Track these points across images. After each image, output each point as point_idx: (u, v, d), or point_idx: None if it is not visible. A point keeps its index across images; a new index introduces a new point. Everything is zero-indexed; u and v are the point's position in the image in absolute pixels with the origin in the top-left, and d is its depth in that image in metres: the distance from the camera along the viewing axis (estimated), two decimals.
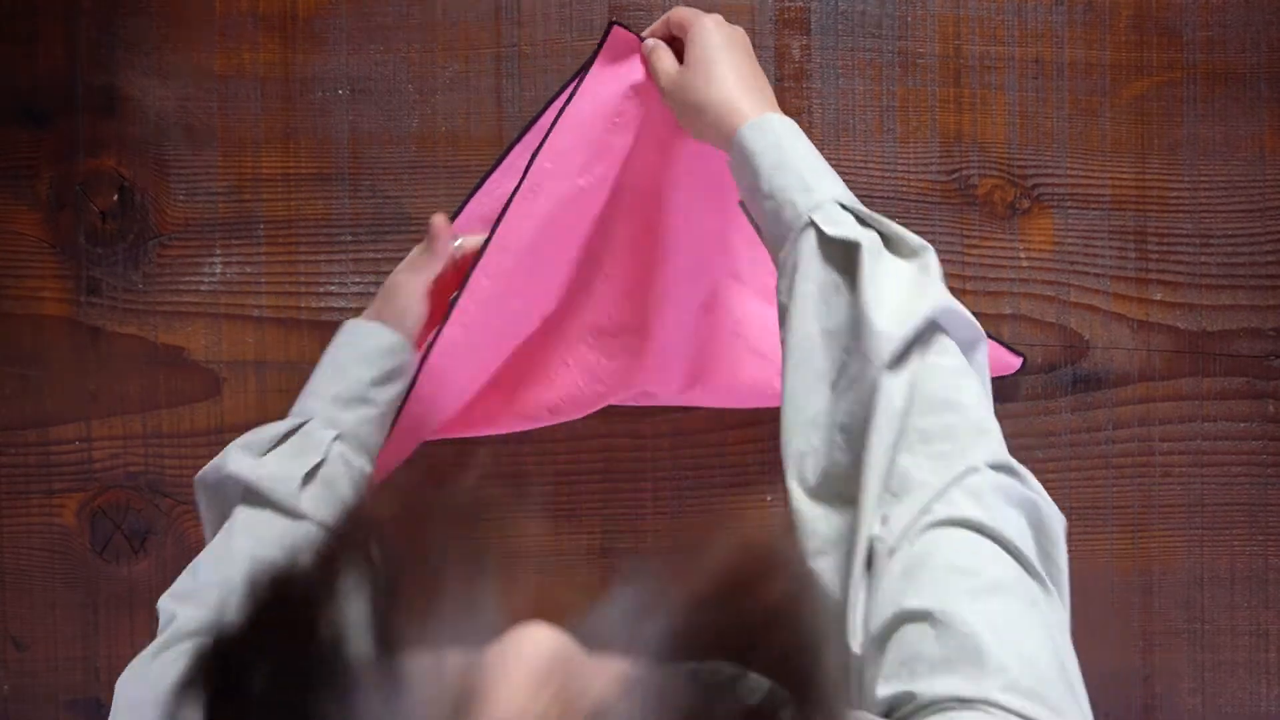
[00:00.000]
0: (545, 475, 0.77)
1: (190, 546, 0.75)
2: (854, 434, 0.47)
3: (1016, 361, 0.76)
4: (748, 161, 0.57)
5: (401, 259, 0.75)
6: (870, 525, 0.43)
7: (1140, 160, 0.78)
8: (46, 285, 0.75)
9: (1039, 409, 0.78)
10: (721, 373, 0.74)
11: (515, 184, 0.66)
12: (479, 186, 0.74)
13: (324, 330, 0.76)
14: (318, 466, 0.58)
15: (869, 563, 0.42)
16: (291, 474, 0.57)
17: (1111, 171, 0.78)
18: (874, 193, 0.77)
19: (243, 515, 0.56)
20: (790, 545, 0.45)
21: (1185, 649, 0.79)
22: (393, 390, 0.64)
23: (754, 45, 0.75)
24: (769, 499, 0.77)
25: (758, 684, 0.26)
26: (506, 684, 0.24)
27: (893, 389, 0.46)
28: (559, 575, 0.77)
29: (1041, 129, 0.78)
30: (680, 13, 0.65)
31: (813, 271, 0.52)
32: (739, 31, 0.63)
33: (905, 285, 0.50)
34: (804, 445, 0.49)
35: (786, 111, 0.58)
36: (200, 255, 0.75)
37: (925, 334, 0.48)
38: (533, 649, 0.26)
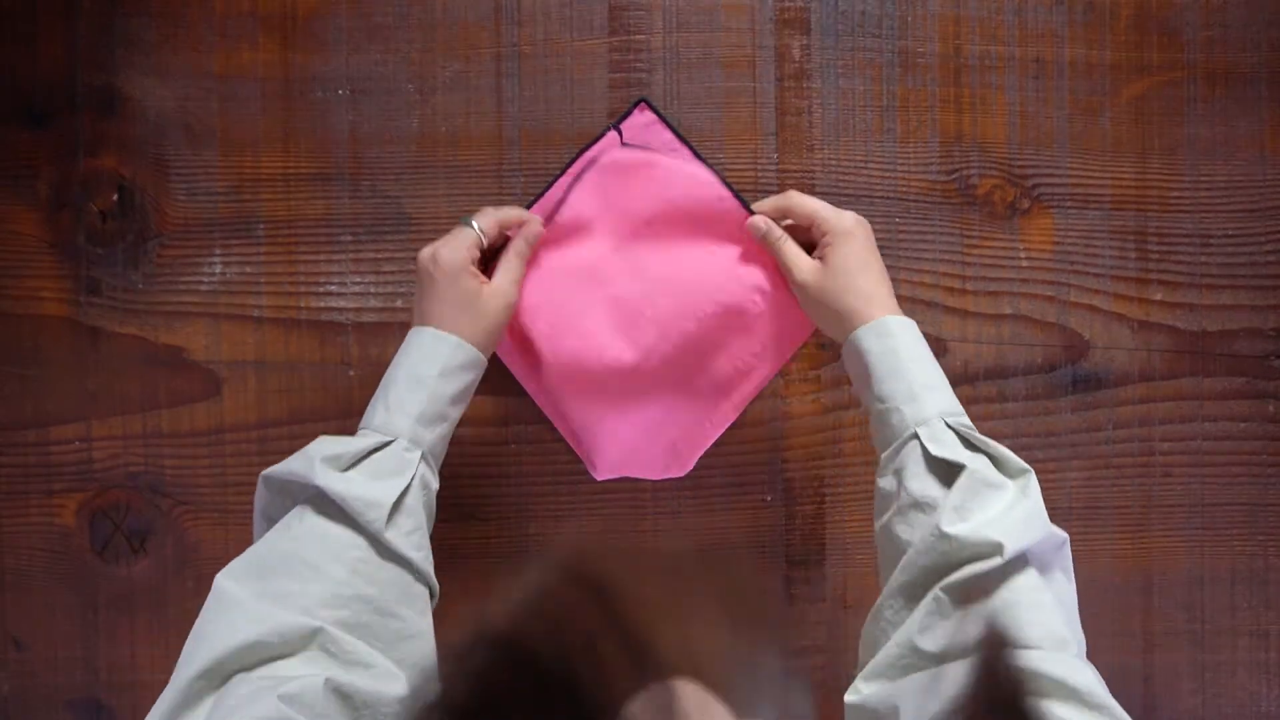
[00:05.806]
0: (545, 475, 0.77)
1: (189, 546, 0.76)
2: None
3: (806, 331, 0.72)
4: (861, 360, 0.61)
5: (401, 258, 0.75)
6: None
7: (1140, 160, 0.78)
8: (46, 285, 0.75)
9: (1039, 409, 0.78)
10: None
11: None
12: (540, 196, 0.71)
13: (324, 330, 0.76)
14: (405, 492, 0.57)
15: None
16: (382, 499, 0.56)
17: (1112, 171, 0.78)
18: (874, 193, 0.77)
19: (312, 523, 0.55)
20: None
21: (1185, 649, 0.79)
22: (465, 403, 0.63)
23: (754, 45, 0.76)
24: (769, 499, 0.77)
25: None
26: None
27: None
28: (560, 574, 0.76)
29: (1041, 129, 0.78)
30: (807, 204, 0.65)
31: (916, 485, 0.56)
32: (868, 227, 0.65)
33: (1000, 513, 0.53)
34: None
35: (786, 111, 0.57)
36: (200, 255, 0.75)
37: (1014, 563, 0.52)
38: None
